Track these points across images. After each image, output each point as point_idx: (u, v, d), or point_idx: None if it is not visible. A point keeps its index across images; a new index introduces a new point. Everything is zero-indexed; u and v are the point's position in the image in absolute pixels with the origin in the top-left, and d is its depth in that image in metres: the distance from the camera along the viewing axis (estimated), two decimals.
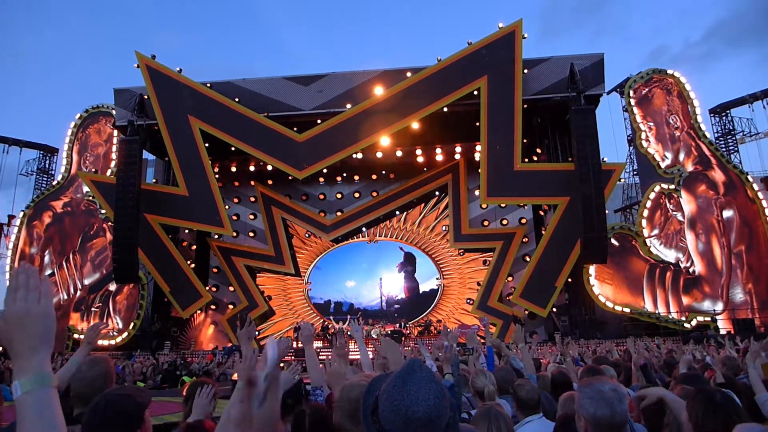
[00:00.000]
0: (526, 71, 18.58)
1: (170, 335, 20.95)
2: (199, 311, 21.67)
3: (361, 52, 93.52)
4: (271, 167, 20.69)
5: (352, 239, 24.52)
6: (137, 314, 20.60)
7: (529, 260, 20.28)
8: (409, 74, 19.10)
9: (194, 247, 23.02)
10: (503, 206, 22.22)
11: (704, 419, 2.10)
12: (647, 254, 19.69)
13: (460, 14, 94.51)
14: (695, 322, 18.61)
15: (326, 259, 24.64)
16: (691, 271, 19.46)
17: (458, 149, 22.71)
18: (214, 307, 22.41)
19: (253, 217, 24.06)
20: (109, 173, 21.92)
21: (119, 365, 13.67)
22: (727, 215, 19.75)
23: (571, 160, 18.55)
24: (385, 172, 23.71)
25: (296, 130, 19.44)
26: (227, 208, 20.83)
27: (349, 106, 19.32)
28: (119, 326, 20.75)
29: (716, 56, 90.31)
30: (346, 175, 23.89)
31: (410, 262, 24.51)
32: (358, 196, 24.20)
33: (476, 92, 18.47)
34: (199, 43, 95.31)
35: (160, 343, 19.77)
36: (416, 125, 19.29)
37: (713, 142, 21.59)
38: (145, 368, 14.28)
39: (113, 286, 21.02)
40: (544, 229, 20.86)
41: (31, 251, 22.14)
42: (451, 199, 23.08)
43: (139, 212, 18.68)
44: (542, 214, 22.25)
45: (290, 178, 21.04)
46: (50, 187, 23.64)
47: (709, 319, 18.70)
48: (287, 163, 19.42)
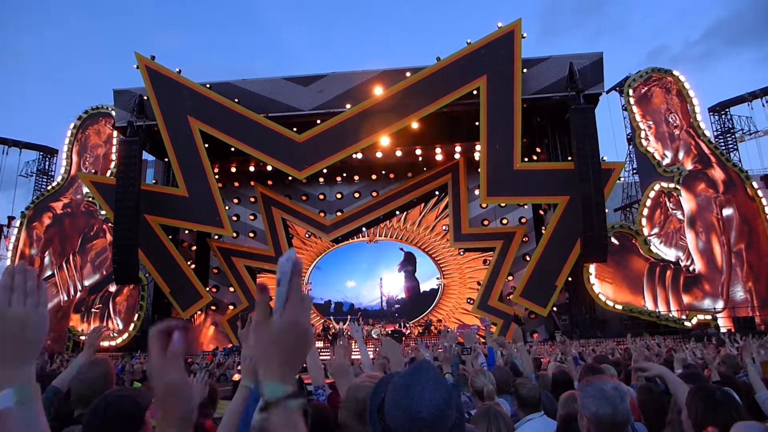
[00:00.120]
0: (525, 71, 18.58)
1: None
2: (199, 312, 21.65)
3: (361, 52, 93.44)
4: (270, 168, 20.69)
5: (352, 239, 24.52)
6: (137, 315, 20.60)
7: (529, 259, 20.28)
8: (408, 74, 19.10)
9: (194, 247, 23.02)
10: (503, 205, 22.21)
11: (704, 417, 2.10)
12: (647, 253, 19.69)
13: (459, 14, 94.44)
14: (696, 320, 18.64)
15: (326, 259, 24.64)
16: (691, 269, 19.46)
17: (458, 149, 22.71)
18: (214, 307, 22.40)
19: (253, 217, 24.05)
20: (108, 174, 21.90)
21: (118, 365, 13.65)
22: (726, 213, 19.76)
23: (570, 159, 18.56)
24: (384, 172, 23.71)
25: (296, 130, 19.44)
26: (227, 208, 20.83)
27: (348, 106, 19.32)
28: (119, 327, 20.74)
29: (716, 55, 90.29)
30: (345, 175, 23.89)
31: (410, 261, 24.51)
32: (357, 196, 24.19)
33: (476, 92, 18.47)
34: (198, 43, 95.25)
35: None
36: (416, 125, 19.30)
37: (713, 140, 21.61)
38: (145, 369, 14.25)
39: (113, 287, 21.00)
40: (544, 228, 20.86)
41: (31, 252, 22.13)
42: (451, 198, 23.08)
43: (139, 213, 18.67)
44: (542, 213, 22.25)
45: (290, 178, 21.06)
46: (50, 188, 23.64)
47: (709, 317, 18.73)
48: (287, 163, 19.42)
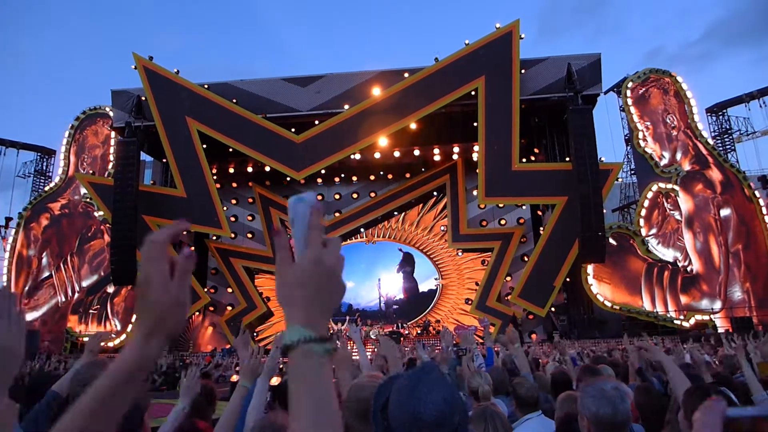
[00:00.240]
0: (523, 71, 18.60)
1: None
2: (197, 313, 21.63)
3: (360, 52, 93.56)
4: (269, 168, 20.66)
5: (350, 240, 24.49)
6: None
7: (527, 260, 20.30)
8: (406, 75, 19.09)
9: (192, 248, 22.98)
10: (501, 206, 22.22)
11: None
12: (645, 253, 19.72)
13: (458, 14, 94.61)
14: (693, 320, 18.67)
15: None
16: (688, 270, 19.50)
17: (456, 149, 22.69)
18: (212, 308, 22.36)
19: (251, 218, 24.02)
20: (106, 175, 21.86)
21: None
22: (724, 214, 19.78)
23: (568, 159, 18.58)
24: (383, 172, 23.67)
25: (294, 131, 19.42)
26: (225, 209, 20.82)
27: (347, 106, 19.30)
28: (117, 328, 20.70)
29: (713, 56, 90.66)
30: (344, 175, 23.85)
31: (409, 262, 24.49)
32: (356, 196, 24.17)
33: (474, 92, 18.49)
34: (198, 43, 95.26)
35: None
36: (414, 126, 19.28)
37: (710, 141, 21.65)
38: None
39: (111, 288, 20.97)
40: (542, 228, 20.87)
41: (28, 253, 22.08)
42: (449, 199, 23.08)
43: (137, 214, 18.65)
44: (540, 213, 22.26)
45: (288, 179, 21.02)
46: (48, 189, 23.59)
47: (707, 317, 18.76)
48: (285, 164, 19.40)
